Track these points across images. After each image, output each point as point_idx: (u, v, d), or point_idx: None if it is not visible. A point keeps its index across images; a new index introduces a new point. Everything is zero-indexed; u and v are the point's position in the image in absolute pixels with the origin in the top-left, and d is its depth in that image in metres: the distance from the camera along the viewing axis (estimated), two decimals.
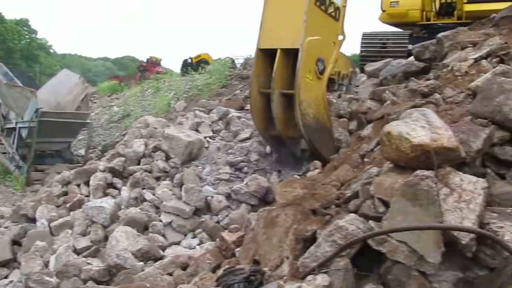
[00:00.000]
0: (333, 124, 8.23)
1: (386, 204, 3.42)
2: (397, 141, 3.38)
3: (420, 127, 3.41)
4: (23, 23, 71.58)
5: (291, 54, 7.70)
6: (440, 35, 7.93)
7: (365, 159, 5.64)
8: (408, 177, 3.28)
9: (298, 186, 4.13)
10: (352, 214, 3.51)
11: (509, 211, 3.22)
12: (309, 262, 3.39)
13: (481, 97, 4.28)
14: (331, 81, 8.67)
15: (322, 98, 8.17)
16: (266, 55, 7.98)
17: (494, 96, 4.13)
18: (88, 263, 6.44)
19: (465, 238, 2.97)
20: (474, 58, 6.52)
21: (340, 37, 8.59)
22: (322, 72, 8.01)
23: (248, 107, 11.24)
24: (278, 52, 7.69)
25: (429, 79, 6.97)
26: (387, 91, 7.46)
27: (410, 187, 3.11)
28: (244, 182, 7.50)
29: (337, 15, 8.35)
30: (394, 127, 3.45)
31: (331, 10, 8.19)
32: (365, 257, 3.43)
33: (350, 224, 3.34)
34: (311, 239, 3.76)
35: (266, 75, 7.90)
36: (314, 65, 7.82)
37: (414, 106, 5.65)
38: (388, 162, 3.81)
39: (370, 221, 3.37)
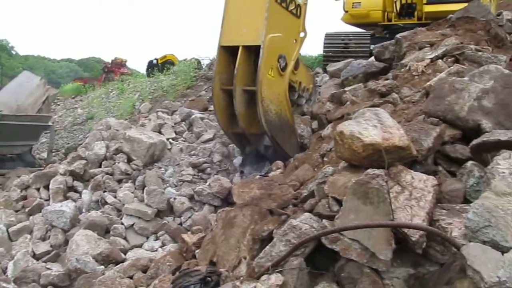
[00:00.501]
0: (296, 120, 8.31)
1: (340, 203, 3.45)
2: (349, 141, 3.43)
3: (372, 127, 3.47)
4: None
5: (253, 51, 7.79)
6: (398, 35, 8.06)
7: (325, 159, 5.70)
8: (361, 176, 3.33)
9: (255, 186, 4.14)
10: (307, 214, 3.54)
11: (458, 208, 3.29)
12: (264, 262, 3.40)
13: (433, 96, 4.38)
14: (291, 88, 8.79)
15: (285, 95, 8.27)
16: (228, 52, 8.05)
17: (446, 95, 4.23)
18: (48, 268, 6.32)
19: (415, 235, 3.02)
20: (431, 58, 6.67)
21: (302, 34, 8.73)
22: (284, 69, 8.11)
23: (212, 108, 11.25)
24: (240, 49, 7.76)
25: (387, 79, 7.09)
26: (347, 92, 7.56)
27: (361, 186, 3.15)
28: (207, 183, 7.49)
29: (298, 12, 8.46)
30: (347, 126, 3.50)
31: (292, 7, 8.30)
32: (321, 256, 3.47)
33: (304, 223, 3.36)
34: (268, 239, 3.78)
35: (228, 72, 7.98)
36: (276, 61, 7.91)
37: (373, 106, 5.73)
38: (343, 162, 3.86)
39: (324, 220, 3.40)
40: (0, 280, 5.91)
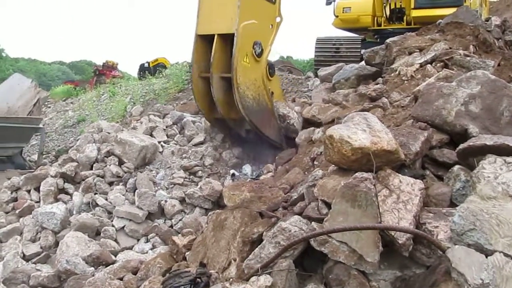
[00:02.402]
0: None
1: (329, 205, 3.50)
2: (339, 144, 3.48)
3: (361, 131, 3.52)
4: None
5: (228, 39, 8.00)
6: (388, 40, 8.15)
7: (315, 162, 5.75)
8: (349, 179, 3.38)
9: (245, 189, 4.18)
10: (296, 216, 3.58)
11: (445, 211, 3.35)
12: (254, 264, 3.44)
13: (422, 101, 4.44)
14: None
15: (262, 80, 8.51)
16: (205, 41, 8.26)
17: (434, 100, 4.30)
18: (38, 270, 6.29)
19: (401, 238, 3.07)
20: (420, 63, 6.75)
21: (278, 19, 8.95)
22: (259, 55, 8.33)
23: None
24: (216, 37, 7.97)
25: (377, 84, 7.17)
26: (337, 95, 7.64)
27: (349, 189, 3.20)
28: (198, 186, 7.50)
29: None
30: (336, 130, 3.55)
31: None
32: (310, 258, 3.51)
33: (293, 225, 3.41)
34: (258, 241, 3.82)
35: (206, 60, 8.21)
36: (251, 48, 8.13)
37: (363, 110, 5.80)
38: (333, 165, 3.91)
39: (313, 223, 3.45)
40: None
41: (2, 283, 5.92)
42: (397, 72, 6.89)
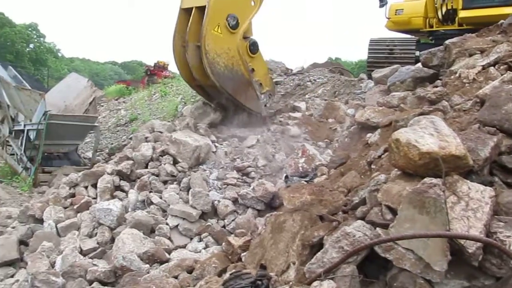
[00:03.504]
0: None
1: (393, 211, 3.42)
2: (406, 148, 3.39)
3: (428, 135, 3.42)
4: (32, 27, 72.34)
5: (204, 11, 8.72)
6: (447, 41, 7.91)
7: (373, 166, 5.63)
8: (416, 185, 3.29)
9: (306, 192, 4.13)
10: (359, 221, 3.52)
11: None
12: (316, 268, 3.39)
13: (489, 105, 4.28)
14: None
15: (238, 51, 9.21)
16: (187, 13, 9.04)
17: (502, 104, 4.14)
18: (94, 265, 6.46)
19: (471, 247, 2.97)
20: (482, 65, 6.51)
21: None
22: (234, 27, 9.06)
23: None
24: (193, 9, 8.81)
25: (436, 86, 6.96)
26: (393, 97, 7.48)
27: (417, 195, 3.11)
28: (251, 187, 7.50)
29: None
30: (403, 134, 3.46)
31: None
32: (372, 263, 3.44)
33: (357, 230, 3.34)
34: (318, 245, 3.77)
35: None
36: (224, 20, 8.90)
37: (422, 113, 5.64)
38: (396, 169, 3.81)
39: (377, 228, 3.37)
40: (49, 274, 6.05)
41: (61, 276, 6.08)
42: (457, 75, 6.66)
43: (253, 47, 9.44)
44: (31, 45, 68.24)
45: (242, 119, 9.89)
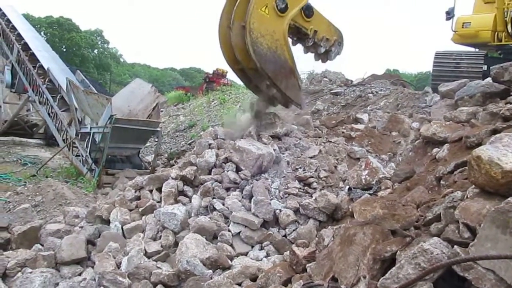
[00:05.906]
0: None
1: (471, 229, 3.36)
2: (487, 166, 3.32)
3: (511, 153, 3.34)
4: (97, 33, 75.35)
5: None
6: None
7: (442, 182, 5.53)
8: (497, 204, 3.22)
9: (378, 205, 4.10)
10: (436, 238, 3.47)
11: None
12: (390, 284, 3.37)
13: None
14: (304, 35, 9.55)
15: (283, 35, 8.89)
16: None
17: None
18: (158, 267, 6.59)
19: None
20: None
21: None
22: (282, 11, 8.75)
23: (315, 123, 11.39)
24: None
25: (509, 103, 6.77)
26: (461, 112, 7.31)
27: (501, 214, 3.04)
28: (313, 198, 7.48)
29: None
30: (484, 151, 3.40)
31: None
32: (445, 282, 3.38)
33: (434, 247, 3.29)
34: (389, 260, 3.75)
35: None
36: (273, 1, 8.61)
37: (495, 130, 5.51)
38: (473, 187, 3.74)
39: (456, 247, 3.31)
40: (116, 274, 6.23)
41: (127, 277, 6.26)
42: None
43: (308, 11, 9.23)
44: (95, 51, 71.04)
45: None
